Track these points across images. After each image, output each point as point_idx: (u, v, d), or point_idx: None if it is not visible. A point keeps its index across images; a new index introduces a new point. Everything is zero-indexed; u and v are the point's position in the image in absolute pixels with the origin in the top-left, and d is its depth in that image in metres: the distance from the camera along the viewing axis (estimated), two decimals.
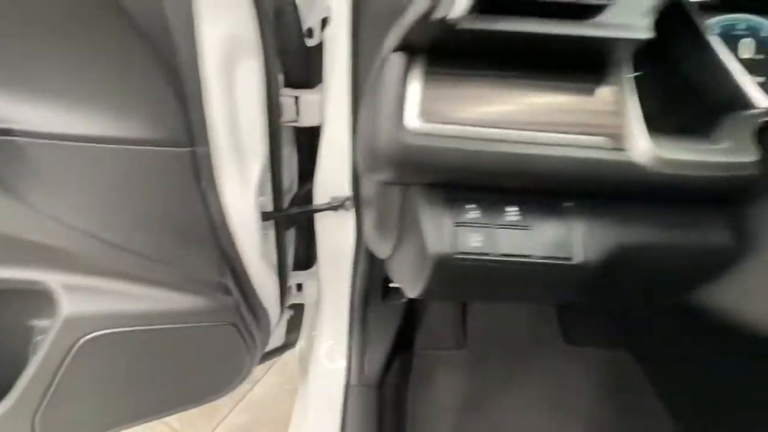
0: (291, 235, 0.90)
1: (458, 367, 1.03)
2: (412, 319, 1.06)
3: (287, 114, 0.67)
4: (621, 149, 0.29)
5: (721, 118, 0.38)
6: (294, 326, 1.00)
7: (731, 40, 0.50)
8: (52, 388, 0.55)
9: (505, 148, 0.28)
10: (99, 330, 0.56)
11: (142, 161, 0.50)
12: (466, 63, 0.30)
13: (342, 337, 0.88)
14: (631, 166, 0.29)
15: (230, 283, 0.63)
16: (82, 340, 0.55)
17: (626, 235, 0.32)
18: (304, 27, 0.68)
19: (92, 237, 0.51)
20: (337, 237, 0.79)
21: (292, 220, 0.82)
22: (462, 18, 0.26)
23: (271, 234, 0.74)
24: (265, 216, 0.66)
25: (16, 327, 0.60)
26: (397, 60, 0.30)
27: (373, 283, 0.82)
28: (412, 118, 0.28)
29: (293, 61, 0.64)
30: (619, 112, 0.29)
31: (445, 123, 0.28)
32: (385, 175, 0.33)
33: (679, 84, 0.45)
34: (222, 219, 0.60)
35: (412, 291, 0.36)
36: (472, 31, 0.27)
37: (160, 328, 0.60)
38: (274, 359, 1.43)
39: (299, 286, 0.93)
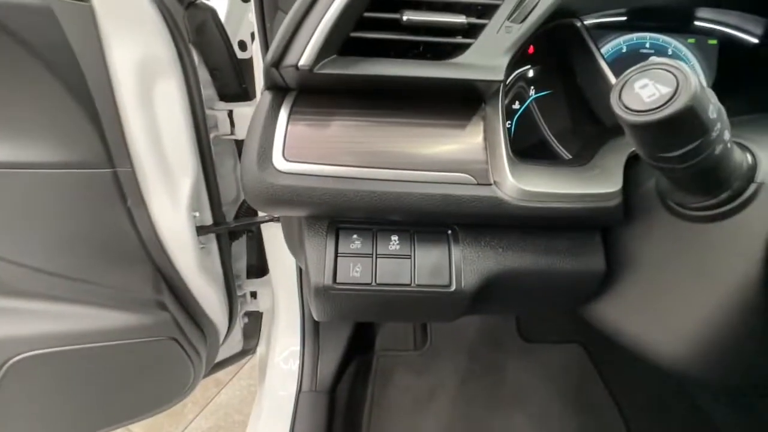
0: (242, 245, 0.90)
1: (416, 368, 1.05)
2: (371, 321, 1.08)
3: (222, 127, 0.67)
4: (486, 184, 0.30)
5: (607, 141, 0.39)
6: (252, 333, 1.01)
7: (638, 57, 0.52)
8: None
9: (369, 186, 0.29)
10: (28, 351, 0.56)
11: (59, 184, 0.50)
12: (335, 101, 0.31)
13: (297, 343, 0.90)
14: (497, 201, 0.30)
15: (167, 299, 0.64)
16: (11, 362, 0.55)
17: (502, 262, 0.33)
18: (235, 40, 0.68)
19: (11, 262, 0.50)
20: (283, 246, 0.79)
21: (238, 231, 0.82)
22: (313, 65, 0.27)
23: (213, 247, 0.74)
24: (201, 230, 0.66)
25: None
26: (266, 98, 0.31)
27: None
28: (276, 158, 0.29)
29: (223, 75, 0.63)
30: (484, 149, 0.30)
31: (310, 162, 0.29)
32: (260, 210, 0.33)
33: (582, 103, 0.46)
34: (153, 236, 0.60)
35: (313, 312, 0.37)
36: (331, 75, 0.28)
37: (96, 346, 0.60)
38: (241, 364, 1.44)
39: (254, 294, 0.94)
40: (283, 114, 0.30)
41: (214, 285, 0.73)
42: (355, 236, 0.33)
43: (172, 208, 0.60)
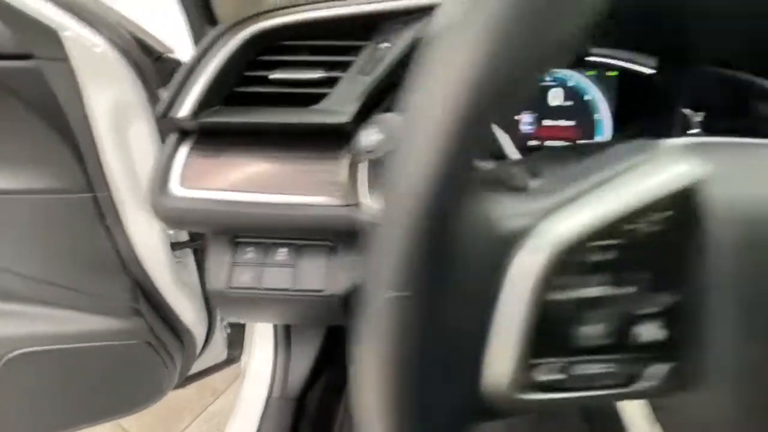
0: None
1: None
2: (345, 331, 1.12)
3: None
4: (349, 205, 0.36)
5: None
6: (236, 342, 1.09)
7: (541, 89, 0.57)
8: None
9: (254, 209, 0.36)
10: (22, 348, 0.66)
11: (48, 207, 0.60)
12: (226, 138, 0.38)
13: (271, 351, 0.96)
14: (358, 220, 0.36)
15: (143, 307, 0.73)
16: (7, 357, 0.65)
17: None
18: None
19: (8, 271, 0.61)
20: None
21: None
22: (193, 116, 0.35)
23: (190, 260, 0.83)
24: (176, 246, 0.76)
25: None
26: (171, 140, 0.39)
27: None
28: (174, 185, 0.37)
29: None
30: (348, 176, 0.37)
31: (202, 189, 0.37)
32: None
33: None
34: (130, 251, 0.69)
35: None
36: (213, 122, 0.36)
37: (79, 347, 0.69)
38: (237, 373, 1.51)
39: None
40: (183, 149, 0.38)
41: (191, 296, 0.82)
42: (249, 248, 0.40)
43: (147, 226, 0.69)
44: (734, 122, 0.52)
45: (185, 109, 0.36)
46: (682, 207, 0.18)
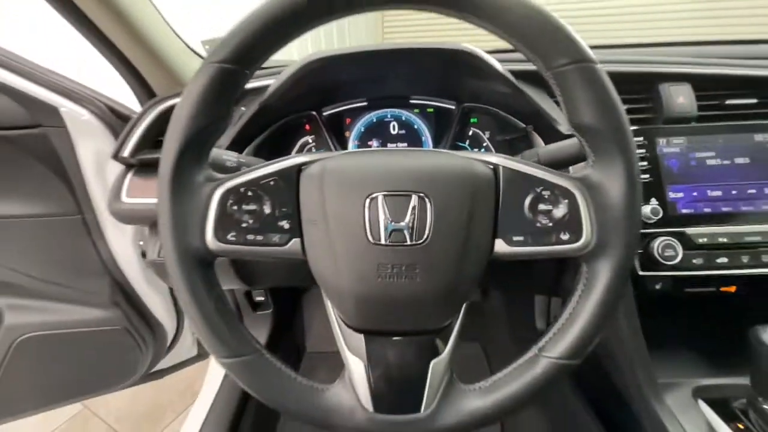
0: None
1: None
2: (298, 321, 1.34)
3: None
4: None
5: None
6: None
7: (384, 124, 0.83)
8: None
9: None
10: (28, 333, 0.89)
11: (48, 226, 0.86)
12: (155, 168, 0.64)
13: None
14: None
15: (121, 300, 0.96)
16: (18, 340, 0.89)
17: None
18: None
19: (20, 273, 0.86)
20: None
21: None
22: (131, 155, 0.61)
23: None
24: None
25: None
26: (121, 169, 0.65)
27: (242, 297, 1.13)
28: (124, 196, 0.62)
29: None
30: None
31: (140, 198, 0.62)
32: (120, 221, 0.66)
33: None
34: (111, 258, 0.94)
35: None
36: (144, 158, 0.62)
37: (72, 332, 0.93)
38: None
39: None
40: (129, 175, 0.64)
41: (161, 294, 1.05)
42: None
43: (123, 239, 0.94)
44: (513, 149, 0.77)
45: (127, 150, 0.62)
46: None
